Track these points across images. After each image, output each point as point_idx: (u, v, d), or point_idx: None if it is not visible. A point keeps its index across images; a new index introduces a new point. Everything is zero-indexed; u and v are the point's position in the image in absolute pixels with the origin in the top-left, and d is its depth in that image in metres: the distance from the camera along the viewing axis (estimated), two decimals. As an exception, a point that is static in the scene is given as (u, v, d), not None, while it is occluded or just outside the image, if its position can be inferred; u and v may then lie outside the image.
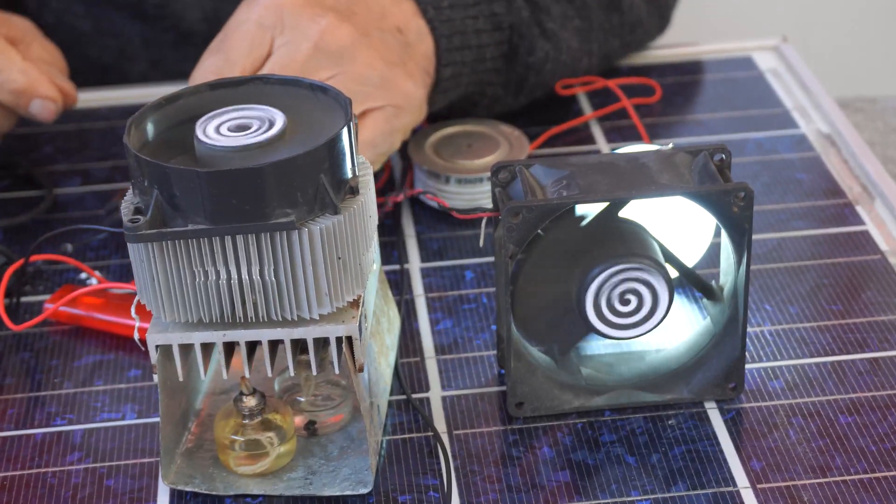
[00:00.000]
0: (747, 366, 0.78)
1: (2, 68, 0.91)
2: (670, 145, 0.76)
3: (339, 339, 0.68)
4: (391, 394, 0.77)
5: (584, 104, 1.04)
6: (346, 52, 0.84)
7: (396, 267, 0.87)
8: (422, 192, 0.77)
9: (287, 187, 0.64)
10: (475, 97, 0.96)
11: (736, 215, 0.71)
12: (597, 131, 1.01)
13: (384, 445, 0.74)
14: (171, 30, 1.11)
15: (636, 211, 0.75)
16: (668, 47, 1.12)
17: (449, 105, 0.95)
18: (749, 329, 0.81)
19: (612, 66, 1.08)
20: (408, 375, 0.79)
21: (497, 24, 0.94)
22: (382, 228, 0.90)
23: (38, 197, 0.96)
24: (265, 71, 0.83)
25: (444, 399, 0.77)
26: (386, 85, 0.85)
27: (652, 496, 0.70)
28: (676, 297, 0.82)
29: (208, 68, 0.84)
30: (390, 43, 0.87)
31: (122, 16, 0.92)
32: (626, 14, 1.04)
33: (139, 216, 0.65)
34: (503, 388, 0.77)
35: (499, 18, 0.94)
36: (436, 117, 0.96)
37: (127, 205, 0.67)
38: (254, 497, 0.71)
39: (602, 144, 1.00)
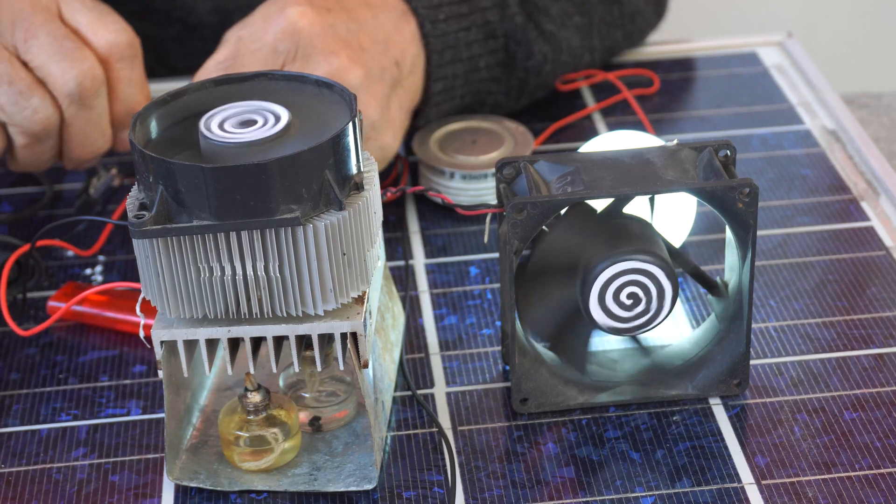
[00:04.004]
0: (752, 362, 0.78)
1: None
2: (675, 141, 0.76)
3: (343, 336, 0.68)
4: (395, 390, 0.77)
5: (588, 99, 1.04)
6: None
7: (401, 263, 0.87)
8: (424, 190, 0.77)
9: (292, 183, 0.64)
10: (475, 105, 0.96)
11: (741, 211, 0.71)
12: (601, 126, 1.01)
13: (389, 441, 0.74)
14: (178, 23, 1.11)
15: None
16: (673, 43, 1.12)
17: (448, 113, 0.95)
18: (754, 325, 0.81)
19: (616, 59, 1.08)
20: (412, 371, 0.79)
21: (490, 33, 0.94)
22: (387, 224, 0.90)
23: (39, 193, 0.96)
24: None
25: (448, 395, 0.77)
26: (371, 135, 0.86)
27: (656, 492, 0.70)
28: (681, 294, 0.82)
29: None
30: (387, 81, 0.87)
31: (129, 10, 0.92)
32: (625, 5, 1.04)
33: (144, 212, 0.65)
34: (507, 384, 0.77)
35: (492, 27, 0.94)
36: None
37: (132, 200, 0.67)
38: (258, 493, 0.71)
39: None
